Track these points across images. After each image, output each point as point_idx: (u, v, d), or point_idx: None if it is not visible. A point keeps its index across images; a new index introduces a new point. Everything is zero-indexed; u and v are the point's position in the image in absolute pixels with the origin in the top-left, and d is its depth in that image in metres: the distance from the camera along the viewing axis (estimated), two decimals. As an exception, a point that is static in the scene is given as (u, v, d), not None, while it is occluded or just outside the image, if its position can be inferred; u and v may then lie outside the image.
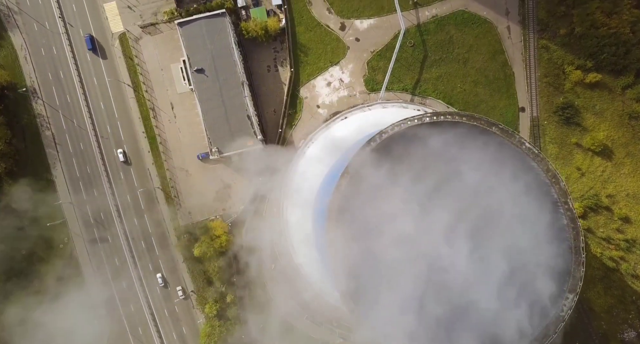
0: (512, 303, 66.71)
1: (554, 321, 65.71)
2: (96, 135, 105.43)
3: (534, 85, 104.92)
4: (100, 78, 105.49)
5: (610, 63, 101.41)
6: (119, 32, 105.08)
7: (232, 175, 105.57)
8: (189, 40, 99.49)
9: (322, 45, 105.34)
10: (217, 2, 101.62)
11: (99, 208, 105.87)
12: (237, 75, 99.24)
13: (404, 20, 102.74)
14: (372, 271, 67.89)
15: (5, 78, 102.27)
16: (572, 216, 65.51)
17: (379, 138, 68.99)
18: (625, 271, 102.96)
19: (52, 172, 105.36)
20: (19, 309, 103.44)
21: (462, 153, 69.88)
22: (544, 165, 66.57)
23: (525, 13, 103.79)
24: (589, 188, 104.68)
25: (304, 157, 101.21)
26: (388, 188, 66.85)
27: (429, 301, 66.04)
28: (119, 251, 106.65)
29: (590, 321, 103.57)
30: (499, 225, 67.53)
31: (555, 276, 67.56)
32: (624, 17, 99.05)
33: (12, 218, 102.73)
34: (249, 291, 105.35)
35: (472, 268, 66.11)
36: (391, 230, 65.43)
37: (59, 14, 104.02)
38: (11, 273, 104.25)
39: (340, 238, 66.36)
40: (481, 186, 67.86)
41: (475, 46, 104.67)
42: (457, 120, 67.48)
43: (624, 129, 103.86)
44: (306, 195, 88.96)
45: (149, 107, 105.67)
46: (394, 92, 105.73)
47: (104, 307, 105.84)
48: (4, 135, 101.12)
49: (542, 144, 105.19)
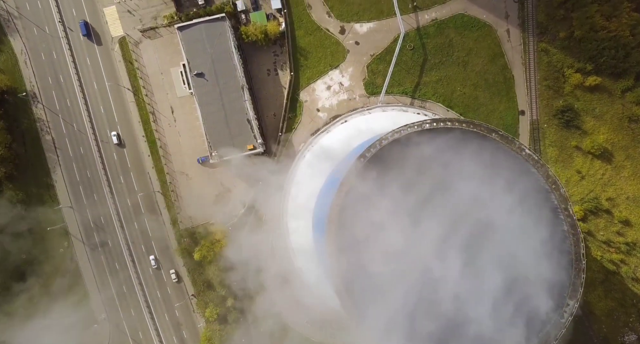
0: (509, 319, 66.33)
1: (555, 328, 65.61)
2: (96, 139, 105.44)
3: (533, 88, 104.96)
4: (100, 82, 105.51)
5: (609, 67, 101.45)
6: (119, 36, 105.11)
7: (232, 179, 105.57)
8: (188, 44, 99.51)
9: (321, 48, 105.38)
10: (217, 6, 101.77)
11: (99, 212, 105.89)
12: (237, 79, 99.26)
13: (404, 23, 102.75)
14: (370, 282, 67.66)
15: (5, 82, 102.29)
16: (572, 222, 65.41)
17: (379, 145, 68.54)
18: (626, 274, 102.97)
19: (52, 176, 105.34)
20: (19, 312, 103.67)
21: (458, 158, 69.47)
22: (544, 171, 66.51)
23: (524, 16, 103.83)
24: (589, 191, 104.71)
25: (303, 161, 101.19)
26: (387, 198, 66.60)
27: (429, 314, 65.83)
28: (119, 255, 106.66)
29: (591, 324, 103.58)
30: (500, 231, 67.31)
31: (555, 285, 67.22)
32: (624, 21, 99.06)
33: (12, 222, 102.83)
34: (249, 295, 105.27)
35: (479, 277, 65.96)
36: (391, 241, 65.25)
37: (58, 18, 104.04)
38: (12, 278, 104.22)
39: (339, 249, 66.26)
40: (479, 192, 67.55)
41: (475, 49, 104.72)
42: (456, 126, 67.45)
43: (623, 132, 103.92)
44: (305, 201, 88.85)
45: (148, 111, 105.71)
46: (394, 95, 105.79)
47: (104, 311, 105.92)
48: (4, 140, 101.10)
49: (542, 147, 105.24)
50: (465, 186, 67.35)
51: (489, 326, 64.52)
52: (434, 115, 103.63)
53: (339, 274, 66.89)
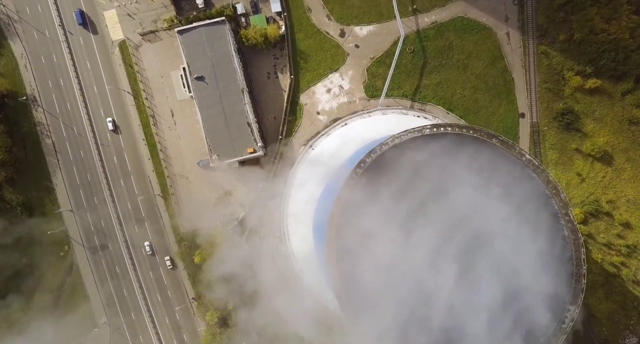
0: (508, 330, 66.27)
1: (556, 334, 65.44)
2: (96, 142, 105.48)
3: (533, 91, 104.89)
4: (100, 86, 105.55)
5: (609, 69, 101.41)
6: (119, 40, 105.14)
7: (232, 182, 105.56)
8: (189, 47, 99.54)
9: (321, 52, 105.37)
10: (217, 10, 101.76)
11: (100, 215, 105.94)
12: (237, 82, 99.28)
13: (404, 26, 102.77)
14: (369, 287, 67.58)
15: (6, 86, 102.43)
16: (573, 227, 65.26)
17: (379, 150, 68.20)
18: (627, 277, 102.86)
19: (53, 180, 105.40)
20: (18, 317, 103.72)
21: (456, 162, 69.27)
22: (544, 176, 66.36)
23: (524, 19, 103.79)
24: (589, 193, 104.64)
25: (303, 164, 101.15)
26: (388, 204, 66.46)
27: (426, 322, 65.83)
28: (119, 259, 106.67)
29: (592, 327, 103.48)
30: (501, 236, 67.24)
31: (555, 293, 67.02)
32: (623, 23, 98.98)
33: (12, 226, 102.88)
34: (250, 298, 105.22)
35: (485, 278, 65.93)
36: (393, 247, 65.17)
37: (59, 22, 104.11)
38: (11, 282, 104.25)
39: (339, 255, 66.18)
40: (479, 198, 67.40)
41: (475, 52, 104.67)
42: (456, 132, 67.32)
43: (624, 135, 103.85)
44: (305, 205, 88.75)
45: (149, 115, 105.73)
46: (394, 98, 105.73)
47: (104, 315, 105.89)
48: (4, 143, 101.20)
49: (542, 150, 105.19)
50: (464, 191, 67.21)
51: (490, 333, 64.59)
52: (433, 117, 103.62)
53: (339, 279, 66.77)
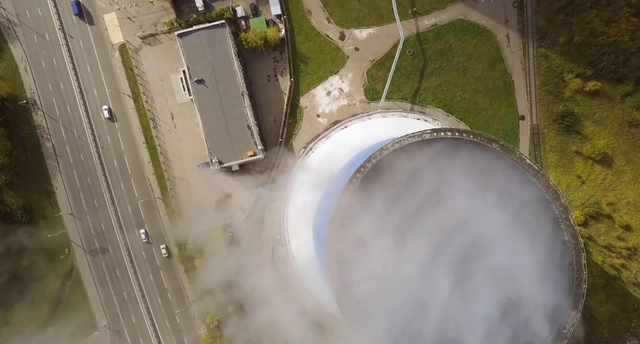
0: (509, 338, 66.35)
1: (557, 339, 65.38)
2: (96, 146, 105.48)
3: (533, 93, 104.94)
4: (101, 89, 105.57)
5: (609, 72, 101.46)
6: (119, 43, 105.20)
7: (232, 185, 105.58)
8: (188, 51, 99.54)
9: (321, 54, 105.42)
10: (217, 13, 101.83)
11: (100, 219, 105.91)
12: (237, 85, 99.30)
13: (404, 29, 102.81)
14: (368, 292, 67.65)
15: (6, 90, 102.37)
16: (573, 232, 65.21)
17: (379, 155, 68.12)
18: (627, 280, 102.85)
19: (53, 183, 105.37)
20: (18, 320, 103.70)
21: (455, 166, 69.27)
22: (544, 181, 66.32)
23: (524, 21, 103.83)
24: (589, 196, 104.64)
25: (303, 167, 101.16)
26: (388, 209, 66.51)
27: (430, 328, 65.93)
28: (119, 262, 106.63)
29: (592, 329, 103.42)
30: (500, 241, 67.26)
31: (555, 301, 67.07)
32: (623, 26, 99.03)
33: (12, 229, 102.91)
34: (250, 301, 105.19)
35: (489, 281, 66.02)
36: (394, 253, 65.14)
37: (59, 25, 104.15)
38: (11, 285, 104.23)
39: (339, 260, 66.20)
40: (478, 203, 67.40)
41: (475, 55, 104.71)
42: (456, 136, 67.33)
43: (624, 137, 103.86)
44: (305, 209, 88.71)
45: (149, 118, 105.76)
46: (394, 100, 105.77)
47: (105, 318, 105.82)
48: (4, 147, 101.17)
49: (542, 152, 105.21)
50: (463, 196, 67.20)
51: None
52: (434, 120, 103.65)
53: (339, 283, 66.75)
